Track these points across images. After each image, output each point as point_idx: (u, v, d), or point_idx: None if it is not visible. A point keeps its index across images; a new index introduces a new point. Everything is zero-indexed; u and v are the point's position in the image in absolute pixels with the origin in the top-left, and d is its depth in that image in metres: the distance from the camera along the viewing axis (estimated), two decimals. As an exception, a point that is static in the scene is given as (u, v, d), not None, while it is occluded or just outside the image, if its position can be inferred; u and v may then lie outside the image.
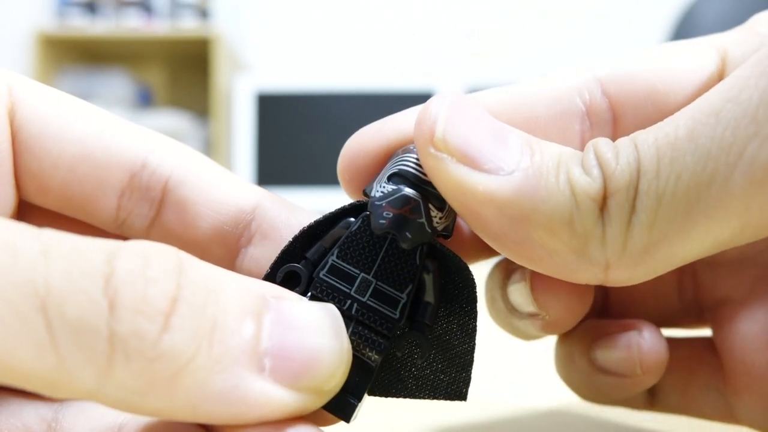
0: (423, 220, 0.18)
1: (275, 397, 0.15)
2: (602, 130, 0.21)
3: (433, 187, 0.18)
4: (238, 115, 2.04)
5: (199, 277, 0.15)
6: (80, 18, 2.11)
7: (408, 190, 0.18)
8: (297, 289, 0.18)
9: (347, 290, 0.18)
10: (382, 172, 0.19)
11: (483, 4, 2.25)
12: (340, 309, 0.17)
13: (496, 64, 2.22)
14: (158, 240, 0.21)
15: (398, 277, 0.18)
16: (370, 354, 0.18)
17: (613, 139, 0.19)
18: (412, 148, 0.19)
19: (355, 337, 0.18)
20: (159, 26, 2.10)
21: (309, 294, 0.18)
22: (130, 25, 2.10)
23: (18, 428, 0.18)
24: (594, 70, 0.22)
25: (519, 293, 0.21)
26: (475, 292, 0.19)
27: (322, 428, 0.17)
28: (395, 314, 0.18)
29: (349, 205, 0.19)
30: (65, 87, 2.05)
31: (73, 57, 2.18)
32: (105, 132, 0.21)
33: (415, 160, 0.18)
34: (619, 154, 0.17)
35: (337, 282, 0.18)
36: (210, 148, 2.07)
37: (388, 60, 2.24)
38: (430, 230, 0.18)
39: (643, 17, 2.16)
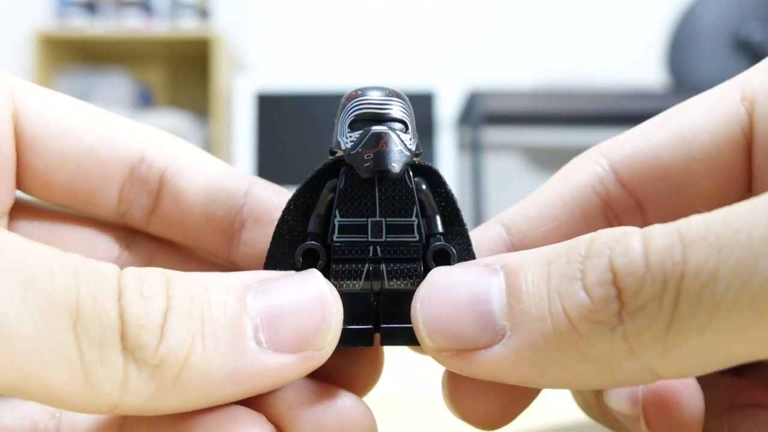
0: (399, 147, 0.19)
1: (279, 363, 0.16)
2: (630, 218, 0.21)
3: (393, 117, 0.19)
4: (238, 115, 2.04)
5: (183, 285, 0.16)
6: (80, 18, 2.11)
7: (375, 128, 0.19)
8: (319, 262, 0.19)
9: (364, 239, 0.19)
10: (339, 126, 0.19)
11: (482, 5, 2.25)
12: (365, 258, 0.19)
13: (495, 64, 2.22)
14: (157, 228, 0.23)
15: (401, 205, 0.19)
16: (409, 282, 0.19)
17: (645, 223, 0.18)
18: (355, 93, 0.19)
19: (391, 274, 0.19)
20: (159, 26, 2.10)
21: (333, 260, 0.19)
22: (130, 25, 2.10)
23: (23, 419, 0.19)
24: (605, 154, 0.21)
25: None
26: (451, 192, 0.20)
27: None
28: (415, 237, 0.19)
29: (323, 165, 0.20)
30: (65, 87, 2.05)
31: (73, 57, 2.18)
32: (105, 129, 0.22)
33: (364, 101, 0.19)
34: (649, 252, 0.14)
35: (351, 237, 0.19)
36: (210, 148, 2.07)
37: (388, 60, 2.24)
38: (408, 153, 0.19)
39: (642, 17, 2.16)
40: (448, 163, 2.00)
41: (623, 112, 1.99)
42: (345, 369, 0.20)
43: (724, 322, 0.13)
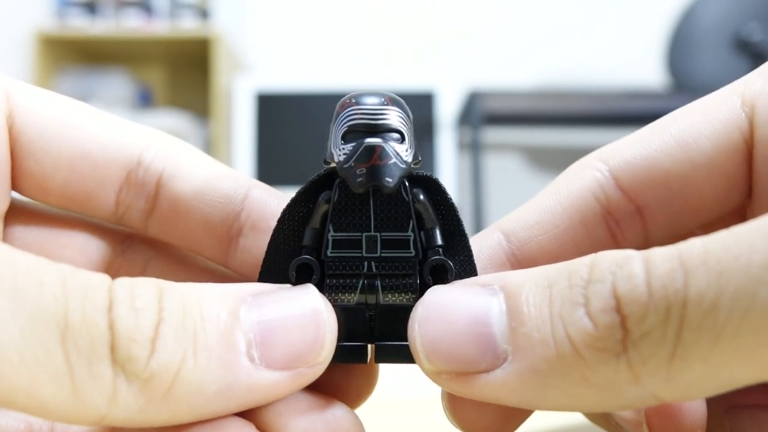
0: (394, 159, 0.18)
1: (271, 380, 0.16)
2: (630, 224, 0.21)
3: (389, 127, 0.18)
4: (238, 115, 2.04)
5: (176, 297, 0.16)
6: (80, 18, 2.11)
7: (368, 140, 0.18)
8: (313, 277, 0.19)
9: (359, 254, 0.19)
10: (333, 136, 0.19)
11: (483, 5, 2.25)
12: (360, 273, 0.19)
13: (495, 64, 2.22)
14: (155, 231, 0.22)
15: (396, 220, 0.19)
16: (404, 297, 0.19)
17: (645, 229, 0.18)
18: (349, 101, 0.19)
19: (386, 289, 0.19)
20: (159, 26, 2.10)
21: (327, 275, 0.19)
22: (130, 25, 2.10)
23: (18, 422, 0.19)
24: (605, 160, 0.21)
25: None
26: (452, 202, 0.19)
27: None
28: (411, 252, 0.19)
29: (316, 176, 0.19)
30: (65, 87, 2.05)
31: (73, 57, 2.18)
32: (102, 131, 0.22)
33: (358, 110, 0.18)
34: (651, 278, 0.14)
35: (346, 253, 0.19)
36: (210, 148, 2.07)
37: (388, 60, 2.24)
38: (404, 165, 0.18)
39: (642, 17, 2.16)
40: (448, 163, 2.00)
41: (623, 112, 1.99)
42: (338, 381, 0.20)
43: (727, 349, 0.13)
